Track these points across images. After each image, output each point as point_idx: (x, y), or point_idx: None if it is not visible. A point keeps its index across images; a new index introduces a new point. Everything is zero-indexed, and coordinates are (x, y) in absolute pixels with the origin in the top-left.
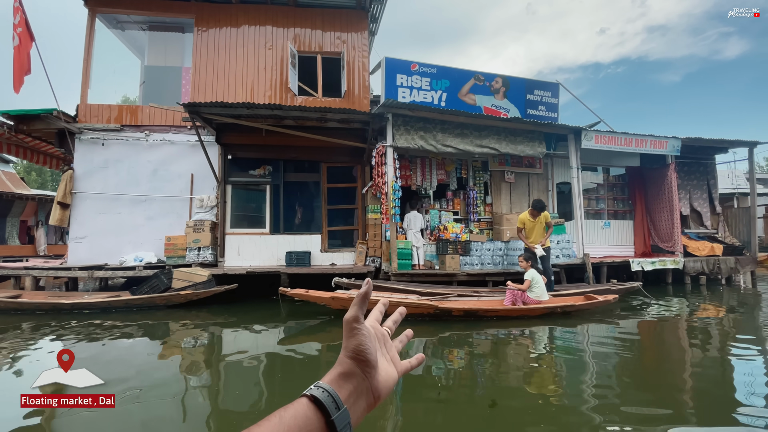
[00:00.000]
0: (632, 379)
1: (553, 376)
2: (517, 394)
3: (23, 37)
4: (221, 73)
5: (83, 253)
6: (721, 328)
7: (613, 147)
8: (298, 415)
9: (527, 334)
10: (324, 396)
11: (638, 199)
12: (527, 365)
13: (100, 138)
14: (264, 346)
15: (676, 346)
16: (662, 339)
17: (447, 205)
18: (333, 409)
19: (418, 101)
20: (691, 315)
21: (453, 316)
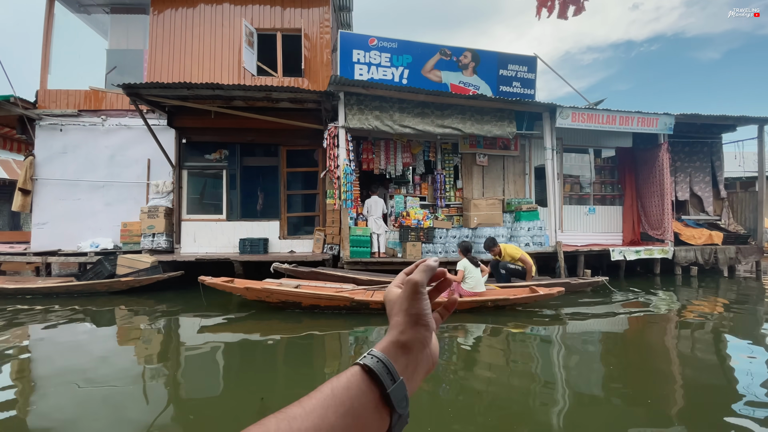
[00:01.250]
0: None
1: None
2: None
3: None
4: (178, 55)
5: (45, 239)
6: (694, 331)
7: (592, 126)
8: (351, 386)
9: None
10: (378, 366)
11: (628, 182)
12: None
13: (59, 124)
14: (157, 335)
15: (612, 360)
16: (593, 346)
17: (414, 190)
18: (388, 381)
19: (376, 79)
20: (662, 311)
21: (371, 309)
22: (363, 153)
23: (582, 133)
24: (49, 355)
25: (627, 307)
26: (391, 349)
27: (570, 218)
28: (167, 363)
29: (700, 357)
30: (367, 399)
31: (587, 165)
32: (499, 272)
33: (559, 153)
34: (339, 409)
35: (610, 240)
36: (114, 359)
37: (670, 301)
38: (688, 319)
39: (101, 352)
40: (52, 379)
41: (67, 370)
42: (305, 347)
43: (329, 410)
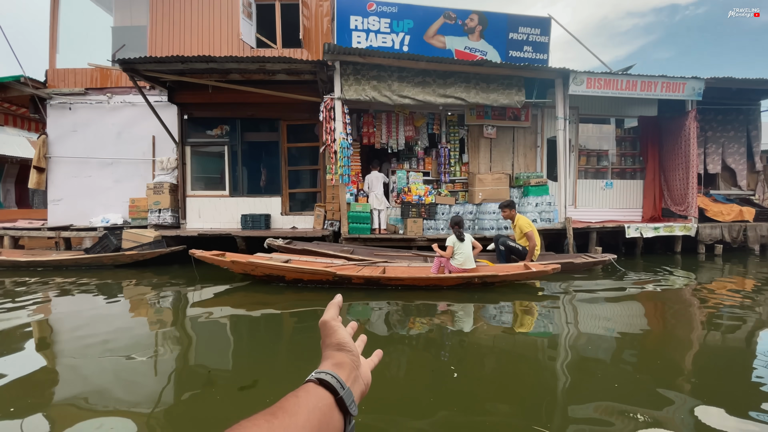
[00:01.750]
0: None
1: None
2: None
3: None
4: (177, 31)
5: (60, 215)
6: (713, 318)
7: (609, 92)
8: (310, 395)
9: (414, 309)
10: (330, 378)
11: (651, 155)
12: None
13: (67, 103)
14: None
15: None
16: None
17: (417, 165)
18: (339, 388)
19: (375, 46)
20: (674, 289)
21: (353, 284)
22: (363, 126)
23: (601, 101)
24: (60, 323)
25: (633, 287)
26: (331, 368)
27: (585, 193)
28: (159, 332)
29: (720, 345)
30: (326, 403)
31: (606, 136)
32: (499, 248)
33: (574, 123)
34: (301, 410)
35: (629, 216)
36: (114, 327)
37: (687, 281)
38: (706, 301)
39: (106, 320)
40: (65, 347)
41: (77, 338)
42: (278, 320)
43: (299, 409)
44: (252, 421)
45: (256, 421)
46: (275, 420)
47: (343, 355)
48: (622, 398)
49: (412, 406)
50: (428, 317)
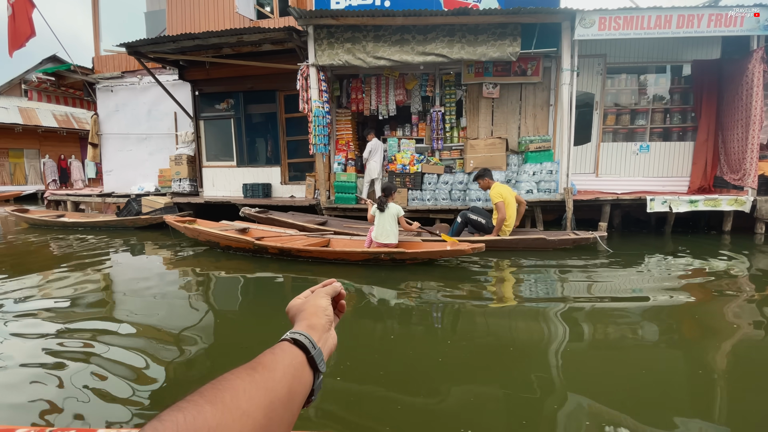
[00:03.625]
0: None
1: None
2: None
3: (18, 7)
4: (189, 12)
5: (112, 183)
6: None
7: (631, 33)
8: (285, 353)
9: (290, 281)
10: (303, 338)
11: (706, 109)
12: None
13: (110, 86)
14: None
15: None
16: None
17: (411, 131)
18: (311, 347)
19: (354, 5)
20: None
21: (269, 253)
22: (352, 93)
23: (637, 44)
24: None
25: (598, 274)
26: (306, 329)
27: (611, 159)
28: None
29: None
30: (299, 361)
31: (645, 88)
32: (455, 220)
33: (599, 75)
34: (277, 366)
35: (670, 187)
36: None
37: (708, 268)
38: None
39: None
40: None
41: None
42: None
43: (276, 365)
44: (235, 374)
45: (239, 374)
46: (255, 374)
47: (318, 318)
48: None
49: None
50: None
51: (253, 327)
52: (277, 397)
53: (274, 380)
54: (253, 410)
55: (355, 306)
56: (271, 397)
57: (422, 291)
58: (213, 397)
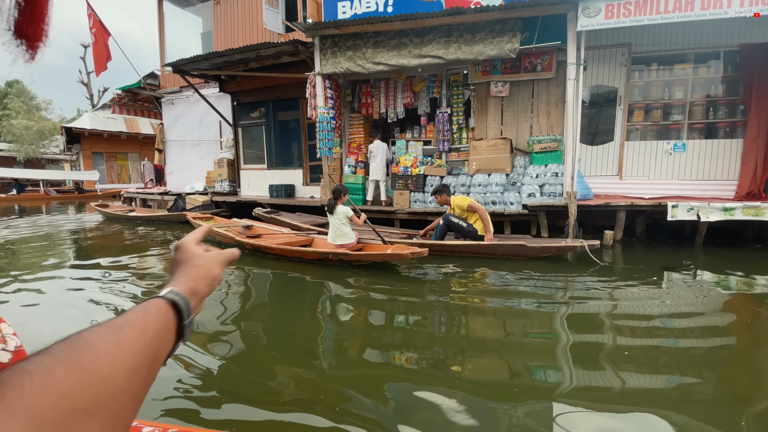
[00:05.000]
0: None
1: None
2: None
3: (98, 35)
4: (230, 31)
5: (174, 183)
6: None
7: (644, 19)
8: (160, 314)
9: (245, 274)
10: (183, 303)
11: (757, 101)
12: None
13: (171, 99)
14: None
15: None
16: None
17: (420, 133)
18: (186, 315)
19: (359, 14)
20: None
21: (246, 249)
22: (362, 97)
23: (669, 29)
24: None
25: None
26: (188, 293)
27: (638, 159)
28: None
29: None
30: (170, 326)
31: (686, 77)
32: (439, 223)
33: (624, 66)
34: (149, 329)
35: (712, 191)
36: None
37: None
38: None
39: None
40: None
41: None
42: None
43: (147, 328)
44: (96, 334)
45: (101, 334)
46: (123, 335)
47: (205, 286)
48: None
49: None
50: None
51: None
52: (143, 361)
53: (144, 343)
54: (116, 375)
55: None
56: (137, 360)
57: (337, 294)
58: (67, 358)
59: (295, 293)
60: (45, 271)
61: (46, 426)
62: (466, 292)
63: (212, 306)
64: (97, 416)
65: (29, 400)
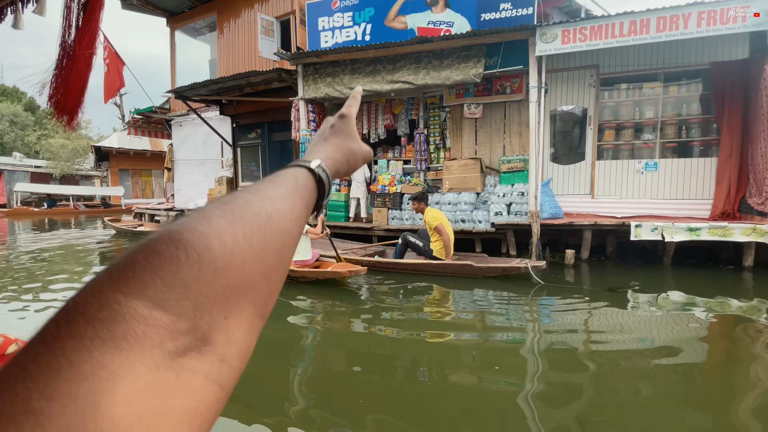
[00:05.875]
0: None
1: None
2: None
3: (111, 65)
4: (232, 59)
5: (180, 200)
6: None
7: (600, 44)
8: (307, 188)
9: None
10: (327, 183)
11: (728, 119)
12: None
13: (179, 122)
14: None
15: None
16: None
17: (400, 153)
18: (325, 195)
19: (340, 42)
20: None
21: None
22: None
23: (637, 50)
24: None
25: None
26: (332, 172)
27: (609, 179)
28: None
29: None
30: (310, 204)
31: (656, 97)
32: (398, 241)
33: (593, 87)
34: (297, 205)
35: (687, 211)
36: None
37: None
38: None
39: None
40: None
41: None
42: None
43: (296, 204)
44: (248, 203)
45: (253, 202)
46: (273, 208)
47: (347, 165)
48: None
49: None
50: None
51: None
52: (289, 240)
53: (291, 219)
54: (267, 253)
55: None
56: (286, 240)
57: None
58: (222, 231)
59: None
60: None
61: (202, 302)
62: (399, 308)
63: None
64: (248, 294)
65: (186, 275)
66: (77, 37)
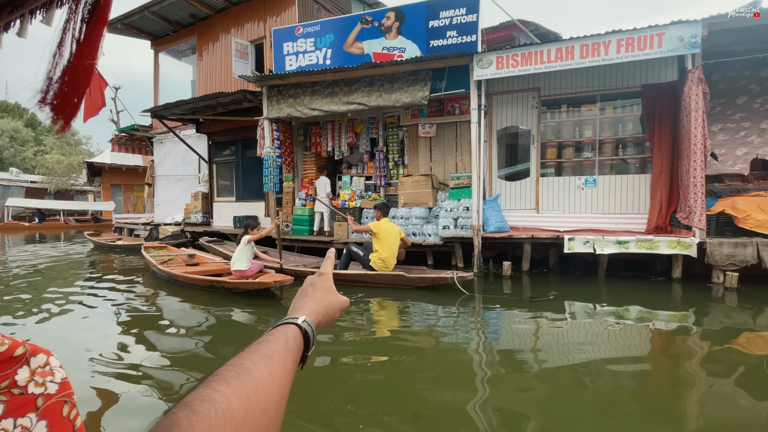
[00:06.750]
0: None
1: None
2: None
3: (93, 84)
4: (210, 79)
5: (160, 214)
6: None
7: (530, 69)
8: (296, 342)
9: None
10: (312, 336)
11: (659, 138)
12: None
13: (160, 139)
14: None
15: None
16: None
17: (363, 170)
18: (310, 347)
19: (303, 66)
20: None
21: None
22: (312, 137)
23: (575, 74)
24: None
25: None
26: (315, 325)
27: (553, 194)
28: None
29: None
30: (298, 355)
31: (594, 117)
32: (342, 252)
33: (535, 108)
34: (289, 360)
35: (625, 225)
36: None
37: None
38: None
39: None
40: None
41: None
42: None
43: (288, 359)
44: (254, 362)
45: (257, 363)
46: (272, 367)
47: (327, 320)
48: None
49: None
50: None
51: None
52: (284, 392)
53: (285, 375)
54: (269, 407)
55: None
56: (282, 393)
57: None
58: (239, 390)
59: (184, 319)
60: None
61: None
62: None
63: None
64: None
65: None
66: (78, 48)
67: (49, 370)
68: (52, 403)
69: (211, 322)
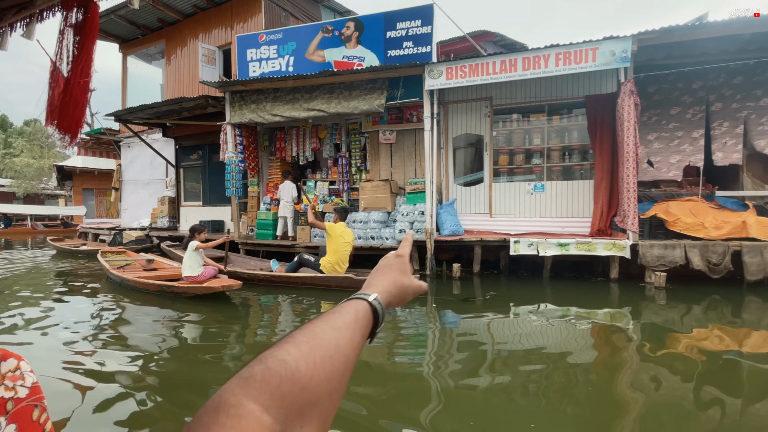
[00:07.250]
0: None
1: None
2: None
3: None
4: (177, 84)
5: (127, 219)
6: None
7: (477, 80)
8: (365, 318)
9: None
10: (381, 314)
11: (600, 146)
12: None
13: (127, 143)
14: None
15: None
16: None
17: (327, 174)
18: (379, 324)
19: (267, 72)
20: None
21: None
22: (277, 142)
23: (524, 84)
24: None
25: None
26: (386, 304)
27: (504, 199)
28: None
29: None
30: (367, 331)
31: (542, 125)
32: (294, 259)
33: (488, 116)
34: (357, 335)
35: (570, 228)
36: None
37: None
38: None
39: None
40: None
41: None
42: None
43: (356, 333)
44: (324, 331)
45: (327, 331)
46: (340, 337)
47: (399, 301)
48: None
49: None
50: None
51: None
52: (349, 365)
53: (351, 348)
54: (333, 377)
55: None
56: (347, 364)
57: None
58: (308, 356)
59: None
60: None
61: (290, 413)
62: (261, 318)
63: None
64: (317, 410)
65: (284, 389)
66: (72, 67)
67: (19, 374)
68: (22, 407)
69: (158, 325)
